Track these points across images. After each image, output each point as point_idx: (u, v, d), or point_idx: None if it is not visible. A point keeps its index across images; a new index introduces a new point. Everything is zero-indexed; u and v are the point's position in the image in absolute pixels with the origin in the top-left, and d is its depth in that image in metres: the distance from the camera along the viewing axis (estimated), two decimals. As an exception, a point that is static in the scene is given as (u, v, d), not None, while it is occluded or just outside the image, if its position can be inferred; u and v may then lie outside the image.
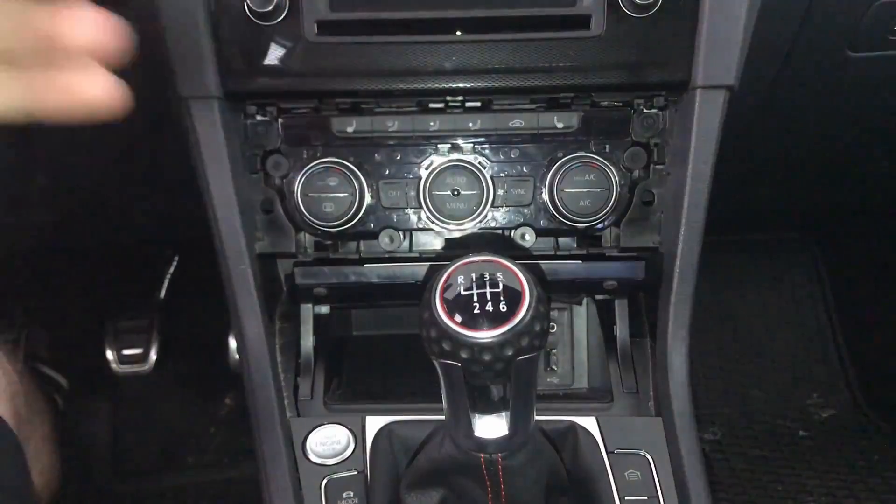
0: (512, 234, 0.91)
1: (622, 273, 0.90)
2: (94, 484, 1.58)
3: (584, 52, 0.83)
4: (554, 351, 1.02)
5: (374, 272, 0.91)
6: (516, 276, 0.63)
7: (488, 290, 0.61)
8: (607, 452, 0.85)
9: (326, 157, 0.88)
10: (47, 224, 1.25)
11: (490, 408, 0.66)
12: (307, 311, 0.94)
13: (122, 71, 0.51)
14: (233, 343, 1.06)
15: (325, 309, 0.98)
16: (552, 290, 0.89)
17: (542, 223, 0.91)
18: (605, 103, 0.89)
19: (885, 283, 1.70)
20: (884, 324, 1.70)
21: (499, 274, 0.63)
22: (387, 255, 0.91)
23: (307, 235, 0.93)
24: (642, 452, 0.85)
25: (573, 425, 0.86)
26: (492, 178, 0.90)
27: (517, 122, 0.89)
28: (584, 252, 0.92)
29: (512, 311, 0.60)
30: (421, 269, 0.90)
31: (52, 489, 1.10)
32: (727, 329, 1.80)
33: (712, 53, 0.82)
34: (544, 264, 0.90)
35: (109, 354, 1.58)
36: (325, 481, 0.83)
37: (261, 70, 0.84)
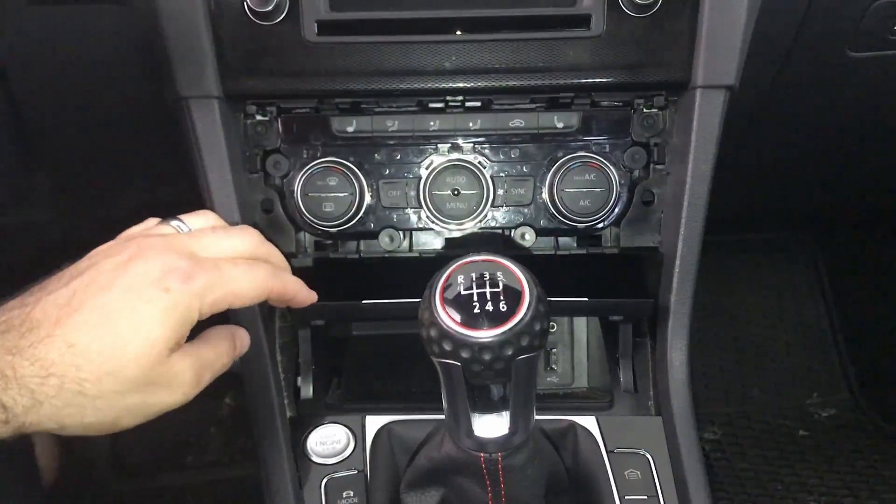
0: (512, 233, 0.91)
1: (628, 310, 0.90)
2: (94, 483, 1.57)
3: (584, 51, 0.83)
4: (554, 350, 1.02)
5: (373, 309, 0.88)
6: (516, 275, 0.63)
7: (488, 289, 0.61)
8: (607, 452, 0.85)
9: (326, 156, 0.88)
10: (47, 224, 1.25)
11: (490, 407, 0.66)
12: None
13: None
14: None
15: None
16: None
17: (542, 223, 0.91)
18: (605, 103, 0.89)
19: (885, 283, 1.70)
20: (884, 324, 1.70)
21: (499, 273, 0.63)
22: (387, 255, 0.91)
23: (307, 235, 0.93)
24: (642, 452, 0.85)
25: (573, 425, 0.86)
26: (492, 177, 0.90)
27: (517, 121, 0.89)
28: (584, 252, 0.92)
29: (512, 310, 0.60)
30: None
31: (53, 470, 1.11)
32: (727, 329, 1.80)
33: (712, 53, 0.82)
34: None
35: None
36: (325, 481, 0.83)
37: (261, 70, 0.84)
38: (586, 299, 0.88)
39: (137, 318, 0.60)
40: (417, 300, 0.87)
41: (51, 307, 0.59)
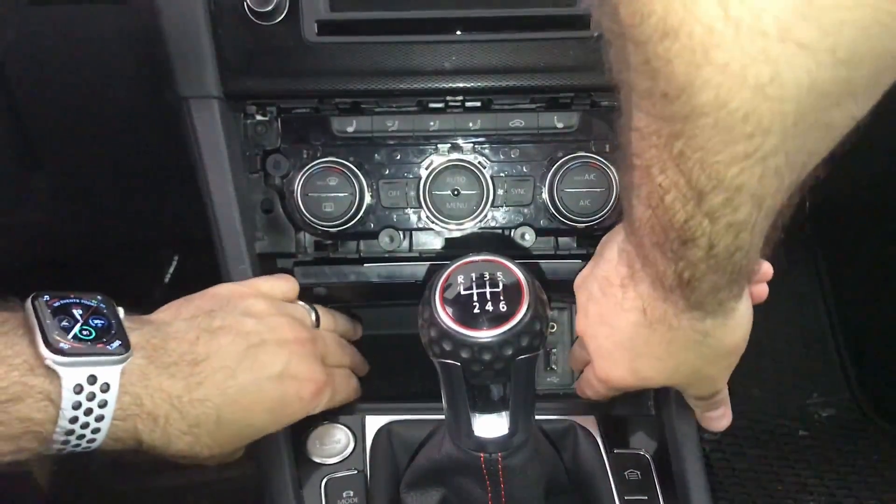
0: (512, 233, 0.91)
1: None
2: (93, 483, 1.57)
3: (585, 51, 0.83)
4: (554, 350, 1.02)
5: (374, 272, 0.91)
6: (516, 275, 0.63)
7: (488, 289, 0.61)
8: (607, 452, 0.84)
9: (326, 157, 0.88)
10: (47, 224, 1.25)
11: (490, 407, 0.66)
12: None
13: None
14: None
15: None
16: (552, 290, 0.89)
17: (542, 223, 0.91)
18: (605, 103, 0.89)
19: (886, 283, 1.70)
20: (884, 324, 1.70)
21: (499, 274, 0.63)
22: (387, 255, 0.91)
23: (307, 235, 0.93)
24: (642, 452, 0.85)
25: (573, 425, 0.86)
26: (492, 177, 0.90)
27: (517, 121, 0.89)
28: (584, 252, 0.92)
29: (512, 310, 0.60)
30: (421, 268, 0.91)
31: (48, 476, 1.13)
32: (727, 329, 1.79)
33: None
34: (544, 264, 0.90)
35: (109, 354, 1.57)
36: (324, 481, 0.83)
37: (261, 70, 0.84)
38: (579, 261, 0.89)
39: (269, 414, 0.71)
40: (419, 265, 0.89)
41: (220, 370, 0.67)
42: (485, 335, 0.59)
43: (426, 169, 0.90)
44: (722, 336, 0.63)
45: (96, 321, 0.62)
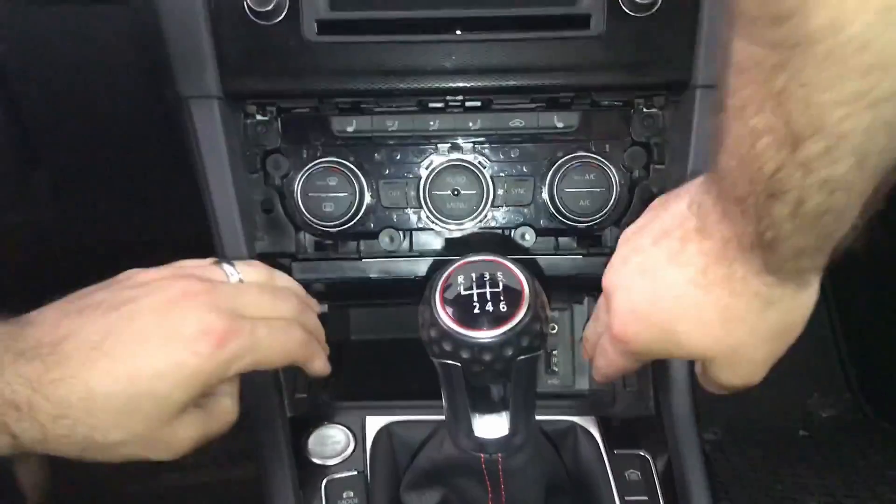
0: (512, 233, 0.91)
1: None
2: (93, 484, 1.57)
3: (584, 51, 0.83)
4: (555, 352, 1.02)
5: (373, 268, 0.91)
6: (516, 276, 0.63)
7: (488, 289, 0.61)
8: (607, 452, 0.84)
9: (326, 157, 0.88)
10: (47, 224, 1.25)
11: (490, 408, 0.66)
12: None
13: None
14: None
15: (323, 307, 0.98)
16: (553, 288, 0.89)
17: (542, 223, 0.91)
18: (605, 103, 0.89)
19: (887, 283, 1.70)
20: (885, 324, 1.70)
21: (499, 274, 0.63)
22: (387, 255, 0.91)
23: (307, 235, 0.93)
24: (642, 452, 0.85)
25: (573, 425, 0.86)
26: (492, 177, 0.90)
27: (517, 121, 0.89)
28: (584, 252, 0.92)
29: (512, 311, 0.60)
30: (421, 265, 0.90)
31: (39, 488, 1.11)
32: (727, 329, 1.78)
33: (713, 53, 0.82)
34: (545, 259, 0.90)
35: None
36: (325, 481, 0.83)
37: (261, 70, 0.84)
38: (581, 257, 0.90)
39: (161, 379, 0.60)
40: (419, 260, 0.88)
41: (83, 345, 0.59)
42: (485, 335, 0.59)
43: (426, 169, 0.90)
44: (786, 310, 0.58)
45: None
